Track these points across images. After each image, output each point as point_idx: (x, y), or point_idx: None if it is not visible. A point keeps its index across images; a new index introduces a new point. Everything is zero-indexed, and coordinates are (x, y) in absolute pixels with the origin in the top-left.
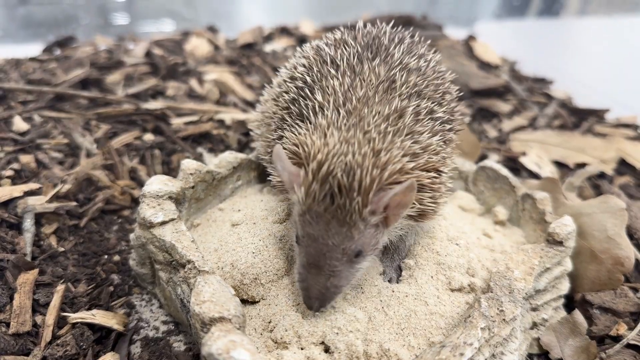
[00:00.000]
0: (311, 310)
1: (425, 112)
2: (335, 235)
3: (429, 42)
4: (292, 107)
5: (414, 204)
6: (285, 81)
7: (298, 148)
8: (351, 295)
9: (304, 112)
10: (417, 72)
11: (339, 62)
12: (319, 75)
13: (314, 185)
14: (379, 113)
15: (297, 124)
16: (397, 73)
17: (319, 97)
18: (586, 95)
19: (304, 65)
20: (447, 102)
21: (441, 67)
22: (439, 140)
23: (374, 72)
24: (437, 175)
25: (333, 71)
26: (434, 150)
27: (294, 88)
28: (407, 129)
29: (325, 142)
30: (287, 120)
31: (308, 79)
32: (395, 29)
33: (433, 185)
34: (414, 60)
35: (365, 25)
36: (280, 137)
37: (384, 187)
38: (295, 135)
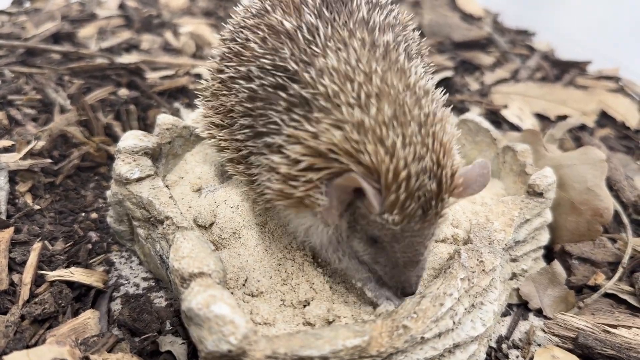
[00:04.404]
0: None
1: (422, 70)
2: (429, 235)
3: None
4: (282, 95)
5: None
6: (236, 65)
7: (337, 153)
8: None
9: (309, 100)
10: (393, 28)
11: (309, 31)
12: (296, 52)
13: (407, 205)
14: (401, 84)
15: (305, 116)
16: (379, 33)
17: (325, 80)
18: (568, 48)
19: (262, 42)
20: (422, 55)
21: (402, 15)
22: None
23: (356, 37)
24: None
25: (316, 49)
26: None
27: (267, 72)
28: (424, 91)
29: (389, 151)
30: (276, 115)
31: (292, 64)
32: None
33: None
34: (383, 14)
35: None
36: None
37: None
38: (320, 133)
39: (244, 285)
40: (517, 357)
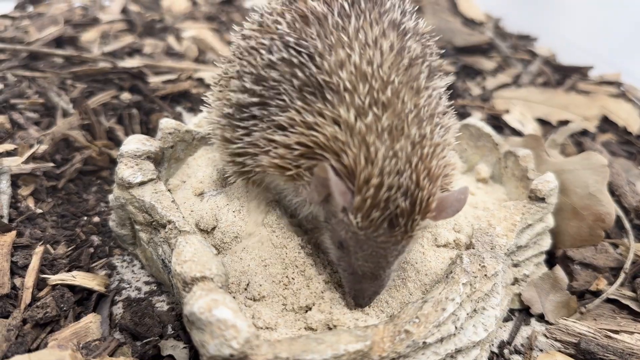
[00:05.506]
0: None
1: (437, 92)
2: (393, 252)
3: None
4: (297, 74)
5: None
6: (259, 34)
7: (324, 149)
8: None
9: (321, 86)
10: (417, 36)
11: (338, 21)
12: (322, 37)
13: (373, 213)
14: (411, 102)
15: (307, 102)
16: (408, 42)
17: (344, 74)
18: (570, 53)
19: (290, 23)
20: (440, 69)
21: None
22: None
23: (385, 38)
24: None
25: (345, 37)
26: (449, 127)
27: (290, 48)
28: (431, 112)
29: (369, 157)
30: (288, 89)
31: (319, 43)
32: None
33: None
34: (408, 19)
35: None
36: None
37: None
38: (315, 126)
39: (245, 289)
40: None
